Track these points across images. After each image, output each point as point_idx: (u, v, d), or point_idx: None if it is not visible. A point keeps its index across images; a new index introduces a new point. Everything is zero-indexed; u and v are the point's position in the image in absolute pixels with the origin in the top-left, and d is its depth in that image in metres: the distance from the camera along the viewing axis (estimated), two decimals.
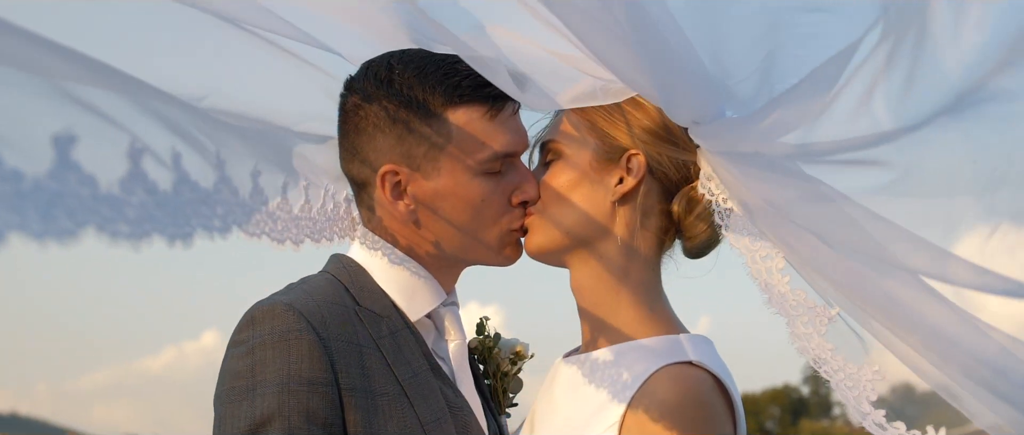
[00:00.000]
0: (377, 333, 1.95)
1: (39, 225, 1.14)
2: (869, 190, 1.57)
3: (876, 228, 1.52)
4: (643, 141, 1.95)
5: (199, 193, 1.50)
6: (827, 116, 1.53)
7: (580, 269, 2.03)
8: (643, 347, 1.91)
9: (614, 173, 1.98)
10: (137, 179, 1.33)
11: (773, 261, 1.75)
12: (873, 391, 1.61)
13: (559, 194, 2.01)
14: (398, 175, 1.98)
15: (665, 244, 2.02)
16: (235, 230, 1.61)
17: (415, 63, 1.99)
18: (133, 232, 1.30)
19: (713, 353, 1.92)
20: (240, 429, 1.78)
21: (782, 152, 1.61)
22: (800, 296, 1.72)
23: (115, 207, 1.28)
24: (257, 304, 1.89)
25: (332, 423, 1.81)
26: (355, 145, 2.01)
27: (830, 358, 1.66)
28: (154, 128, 1.44)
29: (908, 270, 1.50)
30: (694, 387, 1.83)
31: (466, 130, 1.96)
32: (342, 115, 2.04)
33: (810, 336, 1.69)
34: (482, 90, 1.97)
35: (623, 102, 1.98)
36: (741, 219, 1.81)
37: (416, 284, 2.04)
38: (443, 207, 2.00)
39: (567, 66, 1.95)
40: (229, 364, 1.86)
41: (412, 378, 1.94)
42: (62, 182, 1.19)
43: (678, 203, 1.96)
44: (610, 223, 1.98)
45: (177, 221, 1.42)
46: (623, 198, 1.98)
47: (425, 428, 1.91)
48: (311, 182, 2.06)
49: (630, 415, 1.82)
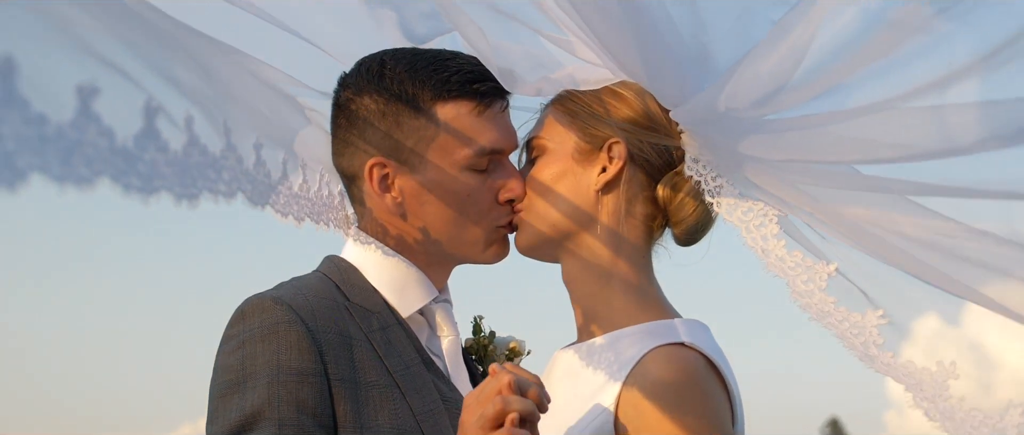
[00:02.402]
0: (368, 327, 1.93)
1: (59, 169, 1.15)
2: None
3: (865, 144, 1.55)
4: (623, 129, 1.95)
5: (207, 157, 1.52)
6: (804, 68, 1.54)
7: (570, 261, 2.02)
8: (636, 332, 1.91)
9: (596, 163, 1.97)
10: (150, 136, 1.34)
11: (767, 227, 1.77)
12: (880, 335, 1.63)
13: (544, 187, 2.01)
14: (386, 168, 1.97)
15: (653, 232, 2.01)
16: (240, 197, 1.62)
17: (406, 59, 1.99)
18: (144, 187, 1.32)
19: (708, 337, 1.91)
20: (231, 421, 1.77)
21: (764, 108, 1.62)
22: (797, 257, 1.73)
23: (129, 161, 1.29)
24: (247, 299, 1.88)
25: (322, 413, 1.80)
26: (346, 138, 2.01)
27: (833, 310, 1.68)
28: (170, 91, 1.45)
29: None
30: (686, 366, 1.81)
31: (454, 125, 1.95)
32: (334, 109, 2.04)
33: (811, 293, 1.70)
34: (471, 86, 1.96)
35: (602, 94, 1.98)
36: (732, 192, 1.82)
37: (407, 281, 2.02)
38: (429, 201, 1.98)
39: (546, 52, 1.96)
40: (221, 359, 1.85)
41: (404, 371, 1.92)
42: (82, 131, 1.19)
43: (663, 187, 1.96)
44: (596, 213, 1.98)
45: (184, 181, 1.44)
46: (607, 187, 1.97)
47: (418, 419, 1.89)
48: (309, 165, 2.05)
49: (625, 395, 1.81)
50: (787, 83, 1.54)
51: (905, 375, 1.57)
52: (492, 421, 1.68)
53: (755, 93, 1.60)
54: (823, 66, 1.50)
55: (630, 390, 1.80)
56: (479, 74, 1.98)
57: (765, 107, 1.62)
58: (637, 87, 1.97)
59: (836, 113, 1.56)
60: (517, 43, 1.99)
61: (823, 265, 1.73)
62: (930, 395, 1.52)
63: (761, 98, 1.60)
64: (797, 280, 1.72)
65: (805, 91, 1.56)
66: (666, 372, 1.80)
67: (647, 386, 1.79)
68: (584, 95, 2.01)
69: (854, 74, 1.50)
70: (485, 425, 1.68)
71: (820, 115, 1.58)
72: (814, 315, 1.71)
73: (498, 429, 1.68)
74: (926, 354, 1.57)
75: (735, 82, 1.61)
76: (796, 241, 1.79)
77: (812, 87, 1.55)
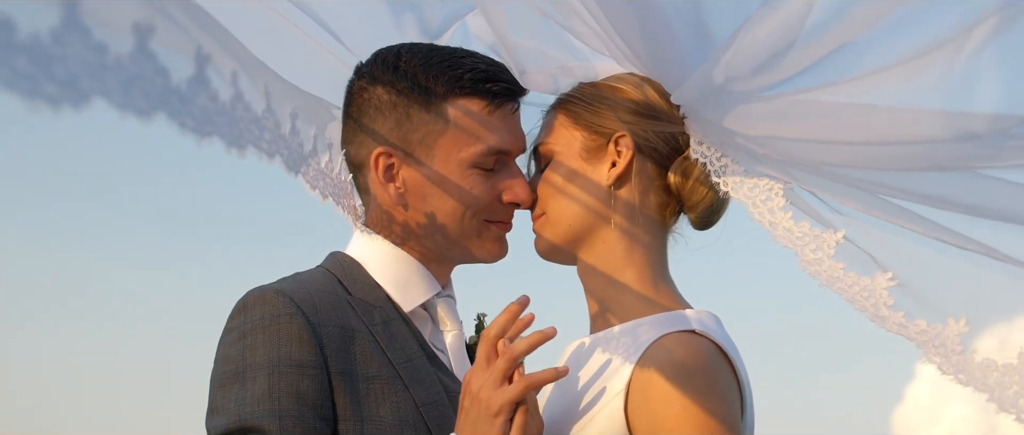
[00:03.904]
0: (370, 321, 1.93)
1: (120, 97, 1.18)
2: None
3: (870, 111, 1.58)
4: (627, 122, 1.96)
5: (251, 114, 1.54)
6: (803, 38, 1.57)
7: (586, 257, 2.01)
8: (648, 322, 1.90)
9: (605, 159, 1.97)
10: (202, 83, 1.37)
11: (773, 201, 1.78)
12: (890, 297, 1.64)
13: (557, 191, 2.00)
14: (391, 158, 1.97)
15: (667, 220, 2.01)
16: (278, 159, 1.64)
17: (422, 53, 2.00)
18: (198, 128, 1.34)
19: (719, 328, 1.91)
20: (231, 412, 1.77)
21: (764, 76, 1.65)
22: (804, 227, 1.74)
23: (183, 101, 1.32)
24: (249, 291, 1.88)
25: (322, 405, 1.80)
26: (356, 126, 2.01)
27: (842, 276, 1.68)
28: (216, 47, 1.48)
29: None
30: (696, 352, 1.80)
31: (464, 122, 1.95)
32: (347, 97, 2.04)
33: (820, 260, 1.71)
34: (483, 85, 1.96)
35: (602, 89, 2.00)
36: (737, 170, 1.84)
37: (410, 275, 2.01)
38: (431, 195, 1.97)
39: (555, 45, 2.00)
40: (222, 350, 1.85)
41: (407, 363, 1.92)
42: (140, 66, 1.23)
43: (674, 173, 1.96)
44: (609, 209, 1.97)
45: (234, 132, 1.47)
46: (619, 181, 1.97)
47: (421, 410, 1.88)
48: (334, 145, 2.06)
49: (635, 380, 1.80)
50: (789, 45, 1.57)
51: (917, 333, 1.59)
52: (502, 374, 1.73)
53: (755, 59, 1.63)
54: (825, 25, 1.53)
55: (640, 375, 1.80)
56: (493, 73, 1.99)
57: (766, 74, 1.65)
58: (634, 79, 1.99)
59: (840, 81, 1.59)
60: (530, 38, 2.03)
61: (830, 233, 1.74)
62: (943, 351, 1.54)
63: (761, 64, 1.63)
64: (805, 250, 1.73)
65: (806, 53, 1.59)
66: (676, 357, 1.79)
67: (656, 371, 1.79)
68: (584, 94, 2.02)
69: (855, 36, 1.54)
70: (496, 379, 1.73)
71: (823, 86, 1.62)
72: (824, 282, 1.71)
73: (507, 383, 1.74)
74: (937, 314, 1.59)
75: (734, 50, 1.64)
76: (803, 212, 1.80)
77: (814, 49, 1.58)
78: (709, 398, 1.77)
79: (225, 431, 1.77)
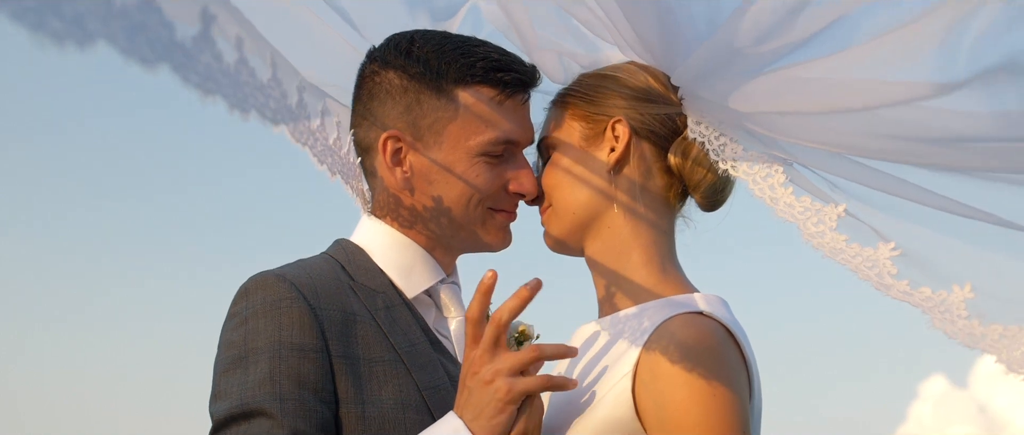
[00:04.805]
0: (372, 306, 1.92)
1: (125, 43, 1.18)
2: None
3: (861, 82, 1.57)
4: (623, 107, 1.97)
5: (255, 80, 1.53)
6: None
7: (593, 243, 2.01)
8: (656, 305, 1.90)
9: (604, 146, 1.98)
10: (206, 42, 1.36)
11: (774, 177, 1.78)
12: (894, 266, 1.63)
13: (560, 180, 2.01)
14: (400, 142, 1.96)
15: (671, 202, 2.01)
16: (283, 128, 1.64)
17: (436, 40, 2.00)
18: (201, 84, 1.34)
19: (727, 311, 1.90)
20: (233, 396, 1.77)
21: (770, 41, 1.65)
22: (805, 202, 1.74)
23: (188, 56, 1.32)
24: (251, 277, 1.88)
25: (323, 389, 1.79)
26: (366, 109, 2.00)
27: (845, 247, 1.68)
28: (222, 10, 1.48)
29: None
30: (703, 333, 1.79)
31: (474, 110, 1.95)
32: (359, 80, 2.04)
33: (823, 233, 1.70)
34: (495, 74, 1.96)
35: (598, 79, 2.01)
36: (736, 149, 1.84)
37: (414, 262, 2.01)
38: (438, 181, 1.97)
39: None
40: (224, 336, 1.85)
41: (410, 348, 1.91)
42: (145, 15, 1.23)
43: (674, 153, 1.96)
44: (613, 193, 1.98)
45: (237, 94, 1.46)
46: (618, 165, 1.98)
47: (424, 394, 1.88)
48: (342, 124, 2.05)
49: (642, 362, 1.80)
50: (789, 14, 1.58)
51: (922, 300, 1.58)
52: (521, 365, 1.73)
53: (756, 31, 1.63)
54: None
55: (647, 357, 1.79)
56: (505, 63, 1.99)
57: (766, 46, 1.65)
58: (631, 67, 2.01)
59: (835, 53, 1.60)
60: (538, 23, 2.04)
61: (832, 208, 1.74)
62: (949, 317, 1.53)
63: (762, 35, 1.63)
64: (807, 223, 1.72)
65: (806, 24, 1.59)
66: (683, 338, 1.78)
67: (663, 352, 1.78)
68: (582, 85, 2.04)
69: (852, 8, 1.54)
70: (514, 369, 1.72)
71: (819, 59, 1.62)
72: (827, 253, 1.71)
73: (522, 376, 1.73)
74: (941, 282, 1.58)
75: (736, 24, 1.64)
76: (803, 188, 1.80)
77: (813, 21, 1.58)
78: (716, 379, 1.76)
79: (227, 415, 1.76)
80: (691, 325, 1.81)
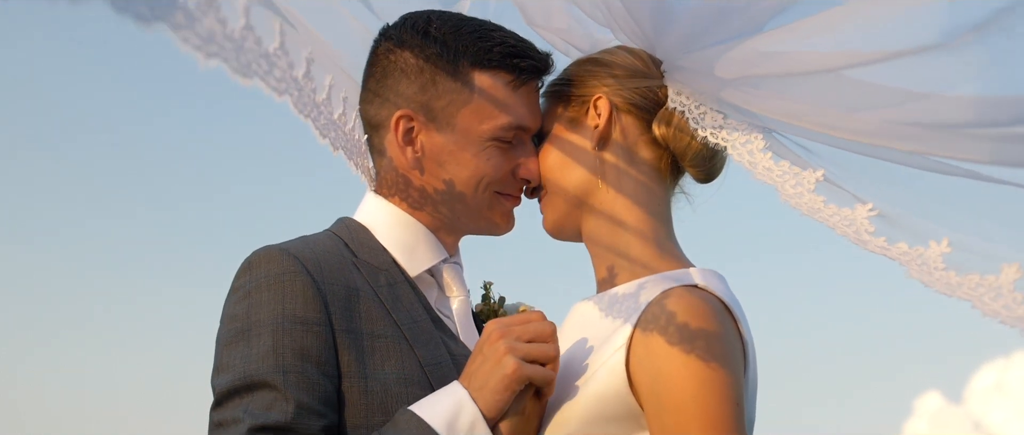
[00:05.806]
0: (375, 283, 1.93)
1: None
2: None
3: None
4: (603, 84, 2.00)
5: (261, 49, 1.54)
6: None
7: (589, 221, 2.03)
8: (652, 279, 1.91)
9: (588, 125, 2.01)
10: (211, 5, 1.38)
11: (753, 143, 1.81)
12: (871, 225, 1.65)
13: (551, 165, 2.04)
14: (412, 121, 1.97)
15: (662, 174, 2.03)
16: (286, 99, 1.65)
17: (453, 22, 2.00)
18: (202, 47, 1.36)
19: (724, 285, 1.91)
20: (236, 369, 1.77)
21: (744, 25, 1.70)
22: (784, 166, 1.77)
23: (189, 18, 1.34)
24: (255, 251, 1.88)
25: (326, 362, 1.80)
26: (379, 87, 2.01)
27: (823, 208, 1.70)
28: None
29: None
30: (698, 307, 1.79)
31: (488, 94, 1.96)
32: (372, 58, 2.04)
33: (801, 194, 1.72)
34: (511, 60, 1.97)
35: (582, 62, 2.06)
36: (716, 118, 1.87)
37: (417, 241, 2.02)
38: (448, 162, 1.98)
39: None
40: (228, 309, 1.86)
41: (412, 325, 1.92)
42: None
43: (658, 125, 1.98)
44: (600, 171, 2.00)
45: (240, 61, 1.46)
46: (602, 141, 2.00)
47: (425, 370, 1.88)
48: (349, 100, 2.04)
49: (637, 335, 1.80)
50: None
51: (900, 254, 1.59)
52: (531, 356, 1.77)
53: None
54: None
55: (642, 330, 1.80)
56: (521, 49, 2.01)
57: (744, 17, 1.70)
58: (613, 49, 2.06)
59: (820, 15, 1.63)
60: None
61: (810, 172, 1.76)
62: (926, 269, 1.54)
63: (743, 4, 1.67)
64: (785, 185, 1.75)
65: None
66: (677, 311, 1.78)
67: (658, 326, 1.78)
68: (566, 71, 2.08)
69: None
70: (527, 356, 1.76)
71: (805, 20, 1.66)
72: (805, 212, 1.73)
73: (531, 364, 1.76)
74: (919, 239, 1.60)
75: None
76: (781, 156, 1.82)
77: None
78: (711, 352, 1.75)
79: (230, 388, 1.77)
80: (686, 299, 1.80)
